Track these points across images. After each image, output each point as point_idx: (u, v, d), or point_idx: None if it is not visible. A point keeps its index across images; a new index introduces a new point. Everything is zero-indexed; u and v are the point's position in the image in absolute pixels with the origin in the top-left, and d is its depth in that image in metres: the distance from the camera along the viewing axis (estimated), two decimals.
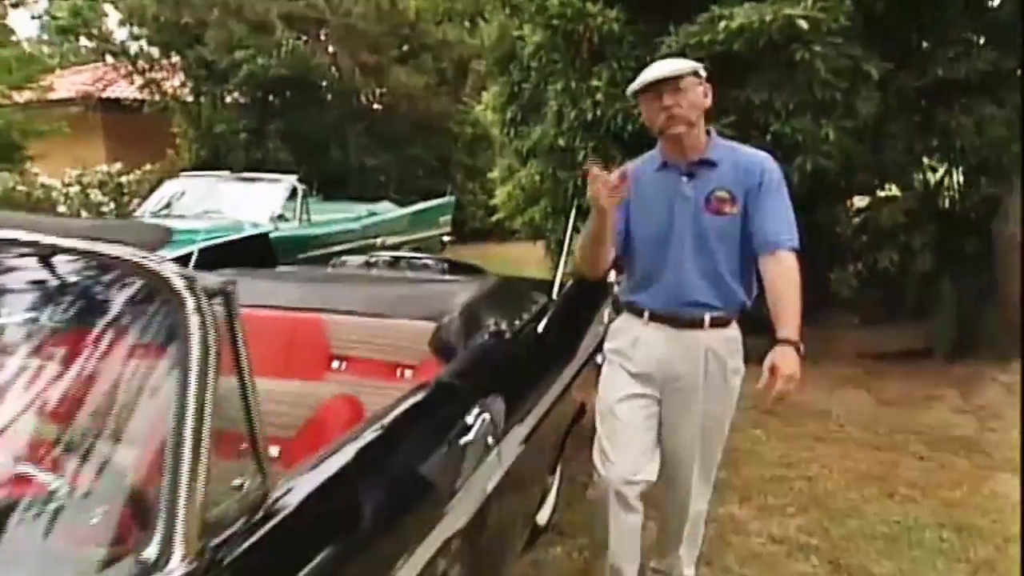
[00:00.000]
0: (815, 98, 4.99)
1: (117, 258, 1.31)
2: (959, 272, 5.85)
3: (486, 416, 2.18)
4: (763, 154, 2.51)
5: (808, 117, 5.03)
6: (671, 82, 2.34)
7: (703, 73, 2.44)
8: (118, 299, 1.33)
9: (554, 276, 3.96)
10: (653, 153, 2.57)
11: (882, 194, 6.14)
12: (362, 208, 9.66)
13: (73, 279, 1.40)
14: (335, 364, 2.97)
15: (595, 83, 5.71)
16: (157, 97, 13.34)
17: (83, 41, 14.69)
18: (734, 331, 2.52)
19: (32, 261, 1.40)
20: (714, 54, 4.95)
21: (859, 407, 5.12)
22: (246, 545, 1.24)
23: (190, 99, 13.41)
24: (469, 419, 2.11)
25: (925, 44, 5.60)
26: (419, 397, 2.09)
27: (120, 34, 13.43)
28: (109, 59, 13.58)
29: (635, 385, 2.52)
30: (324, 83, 13.02)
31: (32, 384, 1.27)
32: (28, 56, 11.46)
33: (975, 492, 3.88)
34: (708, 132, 2.49)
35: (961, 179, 5.94)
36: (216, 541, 1.19)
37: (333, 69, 12.74)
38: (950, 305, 5.89)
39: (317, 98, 13.16)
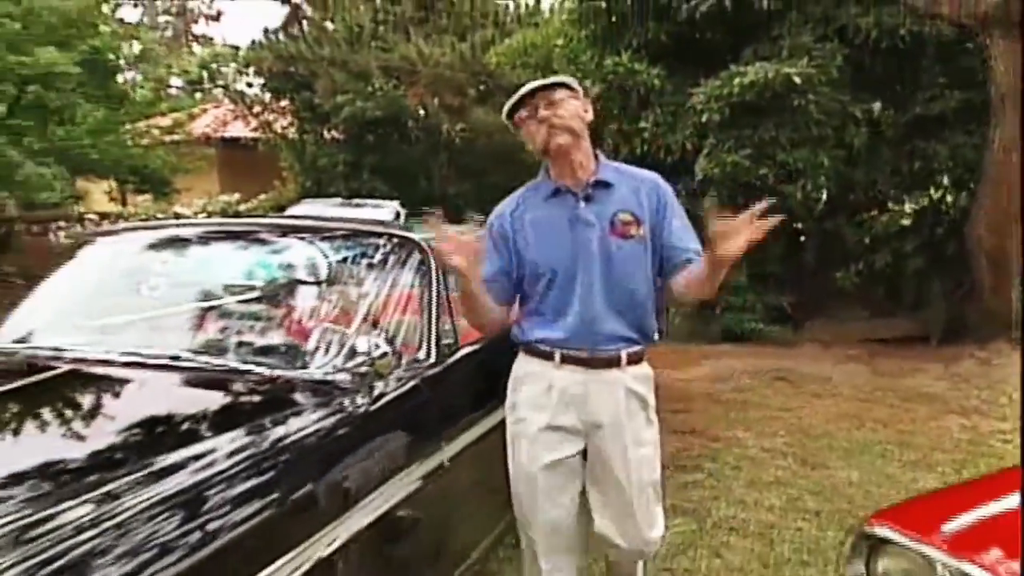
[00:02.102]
0: (812, 134, 6.43)
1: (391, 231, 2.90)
2: (946, 271, 7.16)
3: None
4: (652, 173, 2.40)
5: (807, 149, 6.47)
6: (543, 93, 2.21)
7: (578, 88, 2.30)
8: (392, 247, 2.90)
9: None
10: (536, 182, 2.39)
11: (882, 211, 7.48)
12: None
13: (372, 240, 2.97)
14: None
15: (642, 125, 7.26)
16: (268, 136, 15.25)
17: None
18: (647, 367, 2.37)
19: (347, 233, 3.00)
20: (733, 102, 6.43)
21: (856, 376, 6.48)
22: (453, 359, 2.77)
23: (296, 137, 15.29)
24: None
25: (906, 88, 6.96)
26: None
27: (238, 82, 15.45)
28: (227, 103, 15.65)
29: (555, 443, 2.30)
30: (413, 121, 14.74)
31: (369, 289, 2.84)
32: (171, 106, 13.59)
33: (924, 425, 5.24)
34: (596, 155, 2.34)
35: (941, 194, 7.25)
36: (444, 355, 2.73)
37: (421, 109, 14.48)
38: (939, 298, 7.19)
39: (406, 135, 14.85)
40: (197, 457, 1.81)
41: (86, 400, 2.45)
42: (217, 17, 28.60)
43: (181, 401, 2.36)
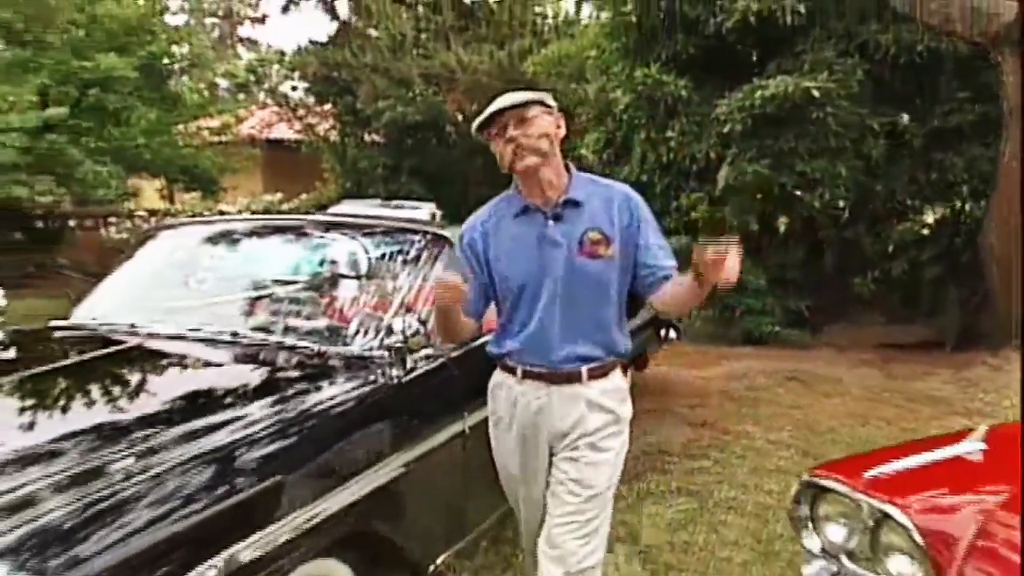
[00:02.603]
0: (830, 145, 6.70)
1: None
2: (961, 279, 7.38)
3: None
4: (625, 187, 2.36)
5: (825, 159, 6.74)
6: (514, 112, 2.18)
7: (552, 103, 2.27)
8: (426, 243, 3.26)
9: None
10: (508, 195, 2.37)
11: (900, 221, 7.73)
12: None
13: (408, 236, 3.34)
14: None
15: (669, 134, 7.57)
16: (311, 138, 15.76)
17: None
18: (616, 380, 2.34)
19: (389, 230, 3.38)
20: (755, 114, 6.73)
21: (867, 378, 6.73)
22: (476, 343, 3.06)
23: (338, 139, 15.78)
24: None
25: (925, 102, 7.21)
26: None
27: (283, 86, 16.01)
28: (272, 106, 16.22)
29: (520, 456, 2.36)
30: (451, 126, 15.15)
31: (404, 279, 3.21)
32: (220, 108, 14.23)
33: (926, 424, 5.50)
34: (568, 168, 2.31)
35: (959, 205, 7.49)
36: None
37: (459, 115, 14.90)
38: (954, 305, 7.41)
39: (445, 139, 15.27)
40: (261, 413, 2.23)
41: (158, 368, 2.86)
42: (263, 20, 29.32)
43: (242, 370, 2.76)
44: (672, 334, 5.98)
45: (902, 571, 1.73)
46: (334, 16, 15.30)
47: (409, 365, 2.72)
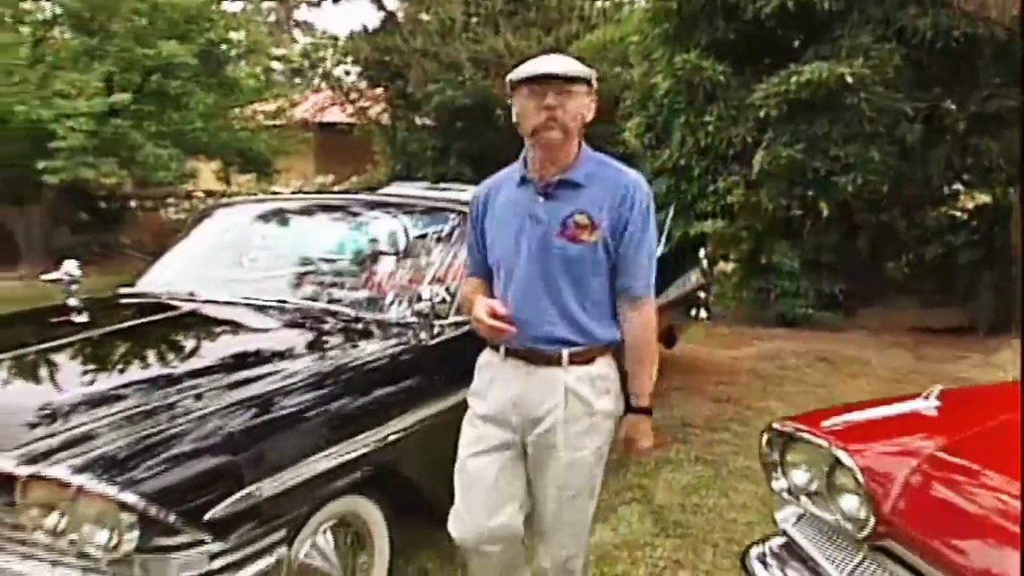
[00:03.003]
0: (864, 130, 6.80)
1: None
2: (996, 264, 7.42)
3: None
4: (634, 175, 2.26)
5: (858, 144, 6.84)
6: (561, 82, 2.10)
7: (594, 84, 2.20)
8: (460, 221, 3.51)
9: None
10: (516, 164, 2.31)
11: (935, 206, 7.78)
12: None
13: (444, 214, 3.63)
14: None
15: (707, 118, 7.73)
16: (363, 121, 16.14)
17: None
18: (602, 367, 2.25)
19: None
20: (790, 99, 6.87)
21: (896, 359, 6.86)
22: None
23: (389, 123, 16.13)
24: None
25: (963, 87, 7.25)
26: None
27: (336, 71, 16.41)
28: (326, 90, 16.65)
29: (490, 432, 2.27)
30: (500, 110, 15.38)
31: (437, 253, 3.48)
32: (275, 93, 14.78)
33: None
34: (579, 147, 2.23)
35: (1001, 191, 7.52)
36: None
37: (507, 99, 15.14)
38: (988, 291, 7.46)
39: (493, 122, 15.48)
40: (302, 367, 2.58)
41: (212, 329, 3.21)
42: (318, 4, 29.80)
43: (287, 332, 3.09)
44: (703, 313, 6.20)
45: (850, 508, 1.95)
46: (380, 6, 15.61)
47: (436, 330, 3.00)
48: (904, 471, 1.90)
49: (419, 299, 3.00)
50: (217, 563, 1.96)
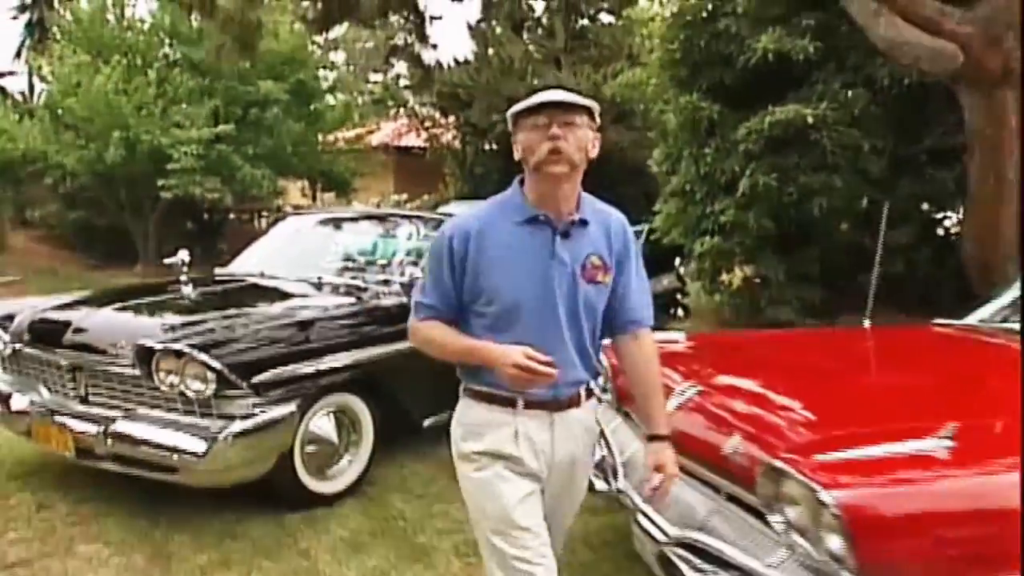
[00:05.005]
0: (827, 162, 8.02)
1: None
2: (953, 277, 8.48)
3: None
4: (620, 215, 2.30)
5: (823, 174, 8.06)
6: (564, 111, 2.07)
7: (596, 118, 2.16)
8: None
9: None
10: (508, 198, 2.22)
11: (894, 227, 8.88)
12: None
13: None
14: None
15: (707, 151, 9.06)
16: (436, 146, 17.88)
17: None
18: (593, 399, 2.33)
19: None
20: (765, 136, 8.17)
21: None
22: None
23: (459, 148, 17.80)
24: None
25: (916, 126, 8.39)
26: None
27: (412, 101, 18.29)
28: (403, 118, 18.55)
29: (527, 489, 2.17)
30: None
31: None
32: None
33: None
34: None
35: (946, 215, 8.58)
36: None
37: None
38: (950, 299, 8.50)
39: None
40: (324, 310, 4.19)
41: (269, 292, 4.84)
42: (413, 34, 31.95)
43: (320, 295, 4.68)
44: (680, 312, 7.52)
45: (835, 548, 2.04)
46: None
47: None
48: (895, 511, 1.94)
49: (413, 277, 4.52)
50: (256, 408, 3.55)
